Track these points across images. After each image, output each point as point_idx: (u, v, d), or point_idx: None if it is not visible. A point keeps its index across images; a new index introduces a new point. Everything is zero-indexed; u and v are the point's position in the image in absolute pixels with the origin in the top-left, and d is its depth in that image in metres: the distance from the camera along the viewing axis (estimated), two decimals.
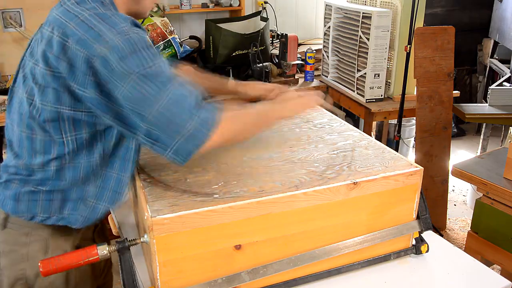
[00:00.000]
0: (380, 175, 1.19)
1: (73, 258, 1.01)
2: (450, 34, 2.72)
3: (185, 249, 1.03)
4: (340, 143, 1.39)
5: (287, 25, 3.93)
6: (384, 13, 2.55)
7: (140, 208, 1.14)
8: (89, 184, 1.15)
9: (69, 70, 1.01)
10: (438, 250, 1.33)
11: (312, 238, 1.15)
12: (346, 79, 2.93)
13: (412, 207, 1.27)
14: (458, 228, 3.13)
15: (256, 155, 1.30)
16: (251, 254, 1.10)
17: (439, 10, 4.67)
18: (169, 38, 3.05)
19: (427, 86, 2.72)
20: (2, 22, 2.83)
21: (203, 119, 1.01)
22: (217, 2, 3.56)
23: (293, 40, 3.02)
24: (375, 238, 1.23)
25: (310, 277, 1.19)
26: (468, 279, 1.23)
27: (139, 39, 1.00)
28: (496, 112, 3.00)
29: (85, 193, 1.15)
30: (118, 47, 0.98)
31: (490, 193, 1.86)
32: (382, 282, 1.21)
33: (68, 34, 1.01)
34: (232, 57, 3.09)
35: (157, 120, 0.99)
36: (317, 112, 1.66)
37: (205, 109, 1.03)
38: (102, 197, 1.17)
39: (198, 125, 1.00)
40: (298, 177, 1.18)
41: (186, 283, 1.06)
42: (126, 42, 0.98)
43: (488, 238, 1.92)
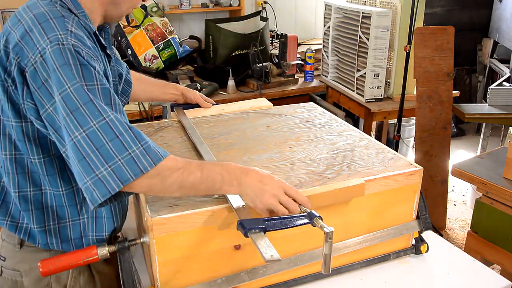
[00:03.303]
0: (379, 175, 1.19)
1: (73, 258, 1.01)
2: (450, 34, 2.71)
3: (184, 249, 1.03)
4: (340, 143, 1.39)
5: (287, 25, 3.93)
6: (384, 13, 2.55)
7: (140, 209, 1.14)
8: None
9: (11, 80, 0.96)
10: (437, 250, 1.33)
11: (312, 238, 1.15)
12: (346, 79, 2.93)
13: (411, 207, 1.27)
14: (457, 228, 3.13)
15: (256, 155, 1.30)
16: (250, 254, 1.10)
17: (438, 10, 4.67)
18: (168, 38, 3.05)
19: (427, 86, 2.72)
20: (2, 22, 2.83)
21: (126, 162, 0.91)
22: (217, 2, 3.56)
23: (293, 40, 3.02)
24: (375, 238, 1.23)
25: (310, 277, 1.19)
26: (467, 279, 1.24)
27: (71, 52, 0.92)
28: (496, 112, 3.00)
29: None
30: (48, 58, 0.91)
31: (490, 193, 1.86)
32: (382, 282, 1.21)
33: (9, 40, 0.97)
34: (232, 57, 3.09)
35: (75, 150, 0.91)
36: (317, 112, 1.66)
37: (140, 152, 0.92)
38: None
39: (108, 176, 0.90)
40: (298, 177, 1.18)
41: (185, 283, 1.06)
42: (56, 53, 0.91)
43: (488, 238, 1.92)
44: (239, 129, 1.50)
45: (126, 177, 0.91)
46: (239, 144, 1.38)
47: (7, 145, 1.05)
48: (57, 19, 0.96)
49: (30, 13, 0.97)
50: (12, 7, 2.83)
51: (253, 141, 1.40)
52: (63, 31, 0.94)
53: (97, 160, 0.90)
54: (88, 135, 0.90)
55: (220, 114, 1.64)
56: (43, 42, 0.92)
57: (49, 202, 1.09)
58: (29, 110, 0.98)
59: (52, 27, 0.94)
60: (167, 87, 1.66)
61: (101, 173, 0.90)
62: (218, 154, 1.31)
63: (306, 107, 1.72)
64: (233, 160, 1.27)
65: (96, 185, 0.90)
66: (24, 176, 1.06)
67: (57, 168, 1.06)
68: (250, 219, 0.95)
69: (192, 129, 1.45)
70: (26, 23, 0.96)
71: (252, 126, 1.53)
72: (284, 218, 0.97)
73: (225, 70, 2.92)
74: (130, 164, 0.91)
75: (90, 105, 0.91)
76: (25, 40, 0.94)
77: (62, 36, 0.93)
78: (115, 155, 0.90)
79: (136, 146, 0.93)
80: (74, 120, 0.90)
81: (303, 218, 0.98)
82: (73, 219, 1.11)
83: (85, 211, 1.11)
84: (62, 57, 0.91)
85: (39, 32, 0.93)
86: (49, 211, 1.09)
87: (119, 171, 0.90)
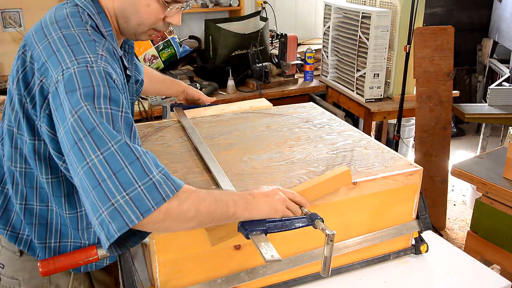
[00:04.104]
0: (379, 175, 1.19)
1: (73, 258, 1.01)
2: (450, 34, 2.72)
3: (184, 249, 1.03)
4: (340, 143, 1.39)
5: (287, 25, 3.93)
6: (384, 13, 2.55)
7: None
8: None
9: (30, 98, 0.92)
10: (437, 250, 1.33)
11: (312, 238, 1.15)
12: (346, 79, 2.93)
13: (411, 207, 1.27)
14: (457, 228, 3.13)
15: (256, 155, 1.30)
16: (250, 254, 1.10)
17: (438, 10, 4.67)
18: (168, 38, 3.05)
19: (427, 86, 2.72)
20: (2, 22, 2.83)
21: (135, 197, 0.81)
22: (217, 2, 3.56)
23: (293, 40, 3.02)
24: (375, 238, 1.23)
25: (310, 277, 1.19)
26: (467, 279, 1.24)
27: (101, 76, 0.86)
28: (496, 112, 3.00)
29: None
30: (72, 78, 0.84)
31: (490, 193, 1.86)
32: (381, 282, 1.21)
33: (34, 57, 0.92)
34: (232, 57, 3.09)
35: (86, 177, 0.81)
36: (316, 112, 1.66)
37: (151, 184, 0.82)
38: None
39: (126, 205, 0.80)
40: (298, 177, 1.18)
41: (185, 283, 1.06)
42: (83, 74, 0.85)
43: (488, 238, 1.92)
44: (239, 129, 1.50)
45: (146, 207, 0.80)
46: (239, 144, 1.38)
47: (17, 158, 1.01)
48: (87, 43, 0.90)
49: (59, 31, 0.91)
50: (12, 7, 2.83)
51: (253, 141, 1.40)
52: (93, 54, 0.88)
53: (114, 187, 0.80)
54: (106, 157, 0.80)
55: (220, 114, 1.64)
56: (69, 62, 0.86)
57: (54, 219, 1.06)
58: (44, 134, 0.94)
59: (82, 50, 0.88)
60: (174, 84, 1.73)
61: (117, 201, 0.79)
62: (218, 154, 1.31)
63: (306, 107, 1.72)
64: (233, 160, 1.27)
65: (112, 216, 0.79)
66: (32, 191, 1.03)
67: (64, 191, 1.03)
68: (251, 221, 0.95)
69: (192, 129, 1.45)
70: (53, 43, 0.90)
71: (252, 126, 1.53)
72: (285, 220, 0.97)
73: (225, 70, 2.92)
74: (151, 191, 0.81)
75: (107, 127, 0.82)
76: (51, 60, 0.88)
77: (92, 59, 0.87)
78: (135, 181, 0.81)
79: (154, 166, 0.85)
80: (91, 141, 0.81)
81: (304, 220, 0.98)
82: (75, 240, 1.08)
83: (87, 237, 1.08)
84: (89, 78, 0.85)
85: (67, 53, 0.88)
86: (53, 228, 1.06)
87: (139, 200, 0.80)
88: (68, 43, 0.89)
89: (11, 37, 2.86)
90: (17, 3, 2.84)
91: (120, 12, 0.99)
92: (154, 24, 1.02)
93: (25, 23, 2.87)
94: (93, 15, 0.96)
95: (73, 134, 0.82)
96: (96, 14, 0.97)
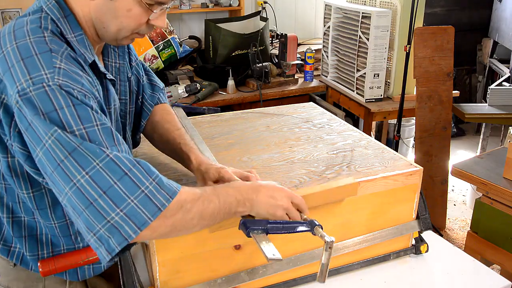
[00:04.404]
0: (379, 175, 1.19)
1: (73, 258, 1.01)
2: (450, 34, 2.71)
3: (184, 249, 1.03)
4: (340, 143, 1.39)
5: (287, 25, 3.93)
6: (384, 13, 2.55)
7: None
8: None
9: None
10: (437, 250, 1.33)
11: (312, 238, 1.15)
12: (346, 79, 2.93)
13: (411, 207, 1.27)
14: (457, 228, 3.13)
15: (256, 155, 1.30)
16: (250, 254, 1.10)
17: (438, 10, 4.67)
18: (168, 38, 3.05)
19: (427, 86, 2.72)
20: (2, 22, 2.83)
21: (128, 214, 0.80)
22: (217, 2, 3.56)
23: (293, 40, 3.02)
24: (375, 238, 1.23)
25: (310, 277, 1.19)
26: (467, 279, 1.24)
27: (61, 95, 0.81)
28: (496, 112, 3.00)
29: None
30: (32, 102, 0.80)
31: (490, 193, 1.86)
32: (381, 282, 1.21)
33: None
34: (232, 57, 3.09)
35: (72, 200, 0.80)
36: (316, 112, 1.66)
37: (139, 202, 0.80)
38: None
39: (122, 221, 0.80)
40: (298, 177, 1.18)
41: (185, 283, 1.06)
42: (41, 96, 0.80)
43: (488, 238, 1.92)
44: (239, 129, 1.50)
45: (142, 220, 0.80)
46: (239, 144, 1.38)
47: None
48: (42, 54, 0.83)
49: (13, 42, 0.85)
50: (12, 7, 2.83)
51: (253, 141, 1.40)
52: (49, 70, 0.82)
53: (106, 205, 0.79)
54: (92, 177, 0.79)
55: (220, 114, 1.64)
56: (24, 81, 0.81)
57: (43, 231, 1.03)
58: (17, 153, 0.90)
59: (36, 66, 0.82)
60: (208, 168, 1.12)
61: (113, 219, 0.79)
62: (218, 154, 1.31)
63: (306, 107, 1.73)
64: (233, 160, 1.27)
65: (111, 232, 0.79)
66: (17, 205, 1.01)
67: (48, 201, 0.99)
68: (252, 220, 0.96)
69: (193, 129, 1.45)
70: (8, 56, 0.84)
71: (252, 126, 1.53)
72: (286, 223, 0.98)
73: (225, 70, 2.92)
74: (145, 204, 0.80)
75: (89, 145, 0.80)
76: (7, 77, 0.83)
77: (48, 76, 0.81)
78: (127, 196, 0.80)
79: (148, 176, 0.83)
80: (74, 162, 0.79)
81: (304, 225, 0.99)
82: (68, 247, 1.06)
83: (80, 240, 1.06)
84: (49, 100, 0.80)
85: (21, 69, 0.82)
86: (43, 239, 1.04)
87: (134, 214, 0.79)
88: (22, 56, 0.83)
89: None
90: (17, 3, 2.84)
91: (97, 18, 0.93)
92: (136, 29, 0.95)
93: None
94: (58, 19, 0.90)
95: (54, 156, 0.80)
96: (61, 18, 0.91)
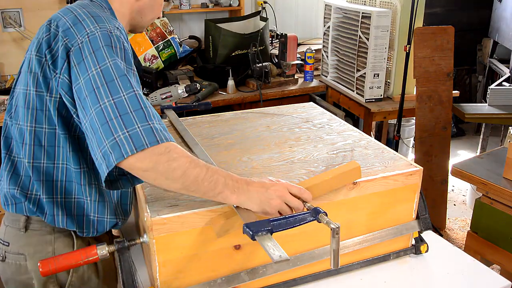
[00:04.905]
0: (379, 175, 1.19)
1: (73, 258, 1.01)
2: (450, 34, 2.72)
3: (184, 249, 1.03)
4: (340, 143, 1.39)
5: (287, 25, 3.94)
6: (384, 13, 2.55)
7: (140, 208, 1.14)
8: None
9: (51, 55, 1.05)
10: (437, 250, 1.33)
11: (312, 238, 1.15)
12: (346, 79, 2.93)
13: (411, 207, 1.27)
14: (457, 228, 3.13)
15: (256, 155, 1.30)
16: (250, 254, 1.10)
17: (438, 10, 4.67)
18: (168, 38, 3.05)
19: (427, 86, 2.72)
20: (2, 22, 2.83)
21: (133, 135, 0.94)
22: (217, 2, 3.56)
23: (293, 40, 3.02)
24: (375, 238, 1.23)
25: (310, 277, 1.19)
26: (467, 279, 1.24)
27: (118, 40, 1.03)
28: (496, 112, 3.00)
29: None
30: (96, 38, 1.01)
31: (490, 193, 1.86)
32: (381, 282, 1.21)
33: (59, 25, 1.06)
34: (232, 57, 3.09)
35: (96, 117, 0.97)
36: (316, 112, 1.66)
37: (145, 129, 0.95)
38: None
39: (128, 138, 0.94)
40: (298, 177, 1.18)
41: (185, 283, 1.06)
42: (104, 36, 1.02)
43: (488, 238, 1.92)
44: (239, 129, 1.50)
45: (141, 143, 0.93)
46: (239, 144, 1.38)
47: (28, 117, 1.11)
48: (108, 18, 1.08)
49: (83, 8, 1.08)
50: (12, 7, 2.83)
51: (253, 141, 1.40)
52: (111, 25, 1.05)
53: (118, 125, 0.94)
54: (116, 103, 0.96)
55: (220, 114, 1.64)
56: (93, 27, 1.03)
57: (59, 176, 1.14)
58: (62, 84, 1.04)
59: (103, 21, 1.05)
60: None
61: (119, 136, 0.93)
62: (218, 154, 1.31)
63: (306, 107, 1.73)
64: (233, 160, 1.27)
65: (113, 148, 0.93)
66: (40, 149, 1.12)
67: (79, 146, 1.13)
68: (255, 222, 0.95)
69: (185, 131, 1.44)
70: (79, 15, 1.06)
71: (252, 126, 1.53)
72: (289, 217, 0.97)
73: (225, 70, 2.92)
74: (147, 133, 0.94)
75: (124, 79, 0.98)
76: (77, 27, 1.03)
77: (111, 28, 1.04)
78: (136, 123, 0.95)
79: (156, 120, 0.98)
80: (107, 89, 0.96)
81: (308, 215, 0.98)
82: (78, 197, 1.15)
83: (88, 193, 1.15)
84: (109, 40, 1.01)
85: (91, 22, 1.04)
86: (58, 185, 1.14)
87: (136, 137, 0.94)
88: (92, 15, 1.06)
89: (11, 37, 2.86)
90: (17, 3, 2.84)
91: (139, 12, 1.20)
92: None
93: (25, 23, 2.87)
94: (106, 9, 1.15)
95: (93, 83, 0.97)
96: (107, 9, 1.15)
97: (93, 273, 1.23)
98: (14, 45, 2.87)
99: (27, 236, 1.17)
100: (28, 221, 1.16)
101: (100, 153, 0.96)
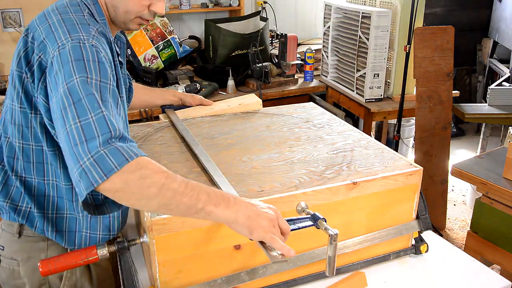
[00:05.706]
0: (379, 175, 1.19)
1: (73, 258, 1.01)
2: (450, 34, 2.71)
3: (184, 249, 1.03)
4: (340, 143, 1.39)
5: (287, 25, 3.93)
6: (384, 13, 2.54)
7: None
8: None
9: (30, 73, 1.03)
10: (437, 250, 1.33)
11: (312, 238, 1.15)
12: (346, 79, 2.93)
13: (411, 207, 1.27)
14: (457, 228, 3.13)
15: (256, 155, 1.30)
16: (250, 254, 1.10)
17: (438, 10, 4.67)
18: (168, 38, 3.05)
19: (427, 86, 2.72)
20: (2, 22, 2.83)
21: (98, 159, 0.88)
22: (217, 2, 3.56)
23: (293, 40, 3.02)
24: (375, 238, 1.23)
25: (310, 277, 1.19)
26: (467, 279, 1.24)
27: (91, 51, 0.97)
28: (496, 112, 3.00)
29: None
30: (67, 52, 0.96)
31: (490, 193, 1.86)
32: (381, 282, 1.21)
33: (35, 37, 1.04)
34: (232, 57, 3.09)
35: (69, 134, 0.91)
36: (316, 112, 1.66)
37: (116, 149, 0.89)
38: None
39: (94, 163, 0.87)
40: (298, 177, 1.18)
41: (185, 283, 1.06)
42: (75, 48, 0.96)
43: (488, 238, 1.92)
44: (239, 129, 1.50)
45: (109, 167, 0.87)
46: (239, 144, 1.38)
47: (15, 134, 1.09)
48: (82, 25, 1.02)
49: (58, 15, 1.03)
50: (12, 7, 2.83)
51: (253, 141, 1.40)
52: (86, 34, 1.00)
53: (82, 151, 0.88)
54: (83, 126, 0.90)
55: (220, 114, 1.64)
56: (64, 39, 0.98)
57: (51, 193, 1.12)
58: (40, 106, 1.03)
59: (76, 30, 1.00)
60: (165, 93, 1.67)
61: (84, 163, 0.87)
62: (218, 154, 1.31)
63: (306, 107, 1.73)
64: (233, 160, 1.27)
65: (81, 176, 0.88)
66: (30, 165, 1.11)
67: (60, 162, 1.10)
68: None
69: (186, 131, 1.44)
70: (53, 24, 1.02)
71: (252, 126, 1.53)
72: (289, 220, 0.98)
73: (225, 70, 2.92)
74: (113, 154, 0.88)
75: (91, 98, 0.92)
76: (49, 38, 1.00)
77: (84, 37, 0.99)
78: (99, 145, 0.89)
79: (124, 142, 0.92)
80: (74, 110, 0.91)
81: (307, 220, 0.98)
82: (70, 213, 1.14)
83: (80, 209, 1.13)
84: (80, 52, 0.96)
85: (63, 32, 0.99)
86: (50, 201, 1.13)
87: (102, 161, 0.87)
88: (66, 24, 1.01)
89: (11, 37, 2.86)
90: (17, 3, 2.84)
91: (110, 1, 1.11)
92: (140, 12, 1.12)
93: (24, 23, 2.87)
94: (89, 5, 1.09)
95: (60, 103, 0.92)
96: (91, 4, 1.09)
97: (87, 281, 1.22)
98: (14, 45, 2.85)
99: (20, 242, 1.16)
100: (21, 227, 1.16)
101: (74, 178, 0.90)
